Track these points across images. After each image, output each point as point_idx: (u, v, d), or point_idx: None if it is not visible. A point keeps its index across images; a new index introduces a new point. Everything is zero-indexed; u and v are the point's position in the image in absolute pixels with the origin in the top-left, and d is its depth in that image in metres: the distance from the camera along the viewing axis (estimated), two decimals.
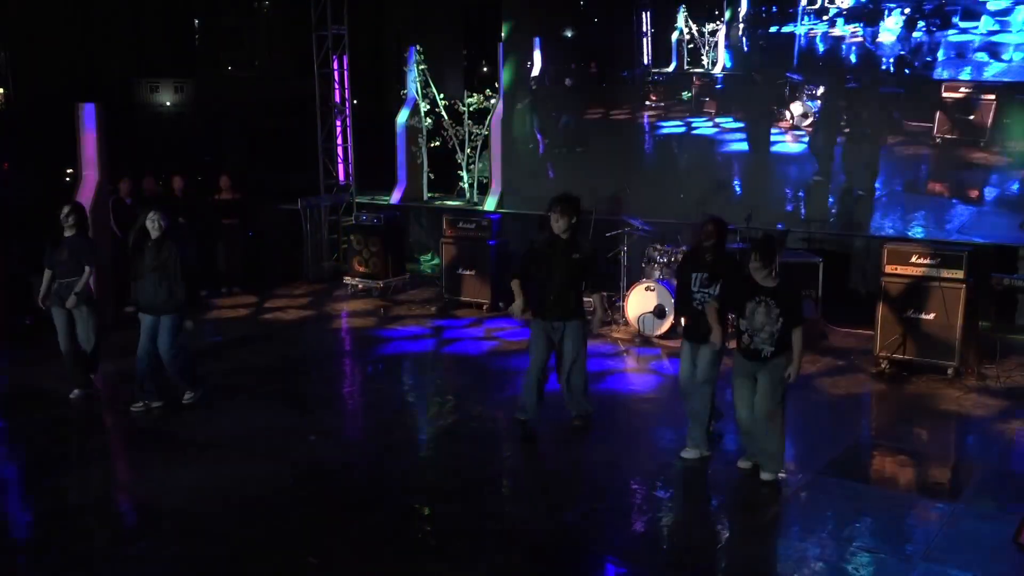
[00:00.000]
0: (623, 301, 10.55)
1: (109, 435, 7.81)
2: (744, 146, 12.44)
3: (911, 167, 11.37)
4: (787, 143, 12.10)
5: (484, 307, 11.48)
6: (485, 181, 15.21)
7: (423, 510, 6.18)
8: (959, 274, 8.65)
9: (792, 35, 12.05)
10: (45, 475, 6.71)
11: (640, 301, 10.22)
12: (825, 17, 11.85)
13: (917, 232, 11.18)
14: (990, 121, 10.82)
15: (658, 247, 10.52)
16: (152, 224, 7.54)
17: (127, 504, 6.34)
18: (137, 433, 7.60)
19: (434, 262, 13.94)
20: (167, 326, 7.65)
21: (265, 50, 52.86)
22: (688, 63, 12.83)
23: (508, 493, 6.58)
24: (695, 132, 12.82)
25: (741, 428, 6.49)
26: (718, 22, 12.50)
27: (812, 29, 11.92)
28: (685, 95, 12.88)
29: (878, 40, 11.53)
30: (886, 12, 11.43)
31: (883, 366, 8.93)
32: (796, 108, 11.96)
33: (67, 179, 14.86)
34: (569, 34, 13.96)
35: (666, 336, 9.96)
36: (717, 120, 12.66)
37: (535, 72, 14.14)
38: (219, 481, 6.60)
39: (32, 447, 7.28)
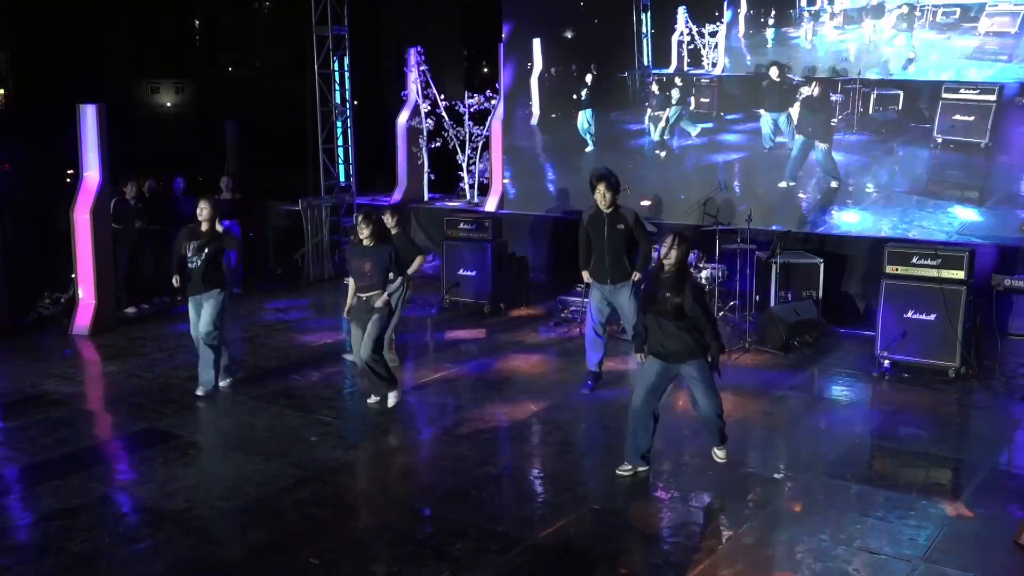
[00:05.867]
0: None
1: (110, 435, 7.81)
2: (745, 147, 12.43)
3: (912, 168, 11.37)
4: (787, 144, 12.09)
5: (484, 308, 11.46)
6: (486, 182, 15.21)
7: (423, 510, 6.18)
8: (960, 275, 8.65)
9: (792, 36, 12.05)
10: (46, 475, 6.71)
11: None
12: (824, 18, 11.85)
13: (918, 233, 11.17)
14: (990, 122, 10.82)
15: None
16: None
17: (128, 504, 6.34)
18: (137, 433, 7.60)
19: (435, 263, 13.93)
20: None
21: (265, 51, 52.97)
22: (688, 64, 12.83)
23: (508, 493, 6.57)
24: (695, 133, 12.81)
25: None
26: (718, 23, 12.49)
27: (812, 30, 11.91)
28: (686, 96, 12.88)
29: (878, 40, 11.52)
30: (886, 12, 11.43)
31: (884, 367, 8.93)
32: (797, 109, 11.96)
33: (67, 180, 14.86)
34: (569, 35, 13.96)
35: None
36: (717, 121, 12.65)
37: (535, 73, 14.14)
38: (219, 481, 6.61)
39: (33, 447, 7.28)
